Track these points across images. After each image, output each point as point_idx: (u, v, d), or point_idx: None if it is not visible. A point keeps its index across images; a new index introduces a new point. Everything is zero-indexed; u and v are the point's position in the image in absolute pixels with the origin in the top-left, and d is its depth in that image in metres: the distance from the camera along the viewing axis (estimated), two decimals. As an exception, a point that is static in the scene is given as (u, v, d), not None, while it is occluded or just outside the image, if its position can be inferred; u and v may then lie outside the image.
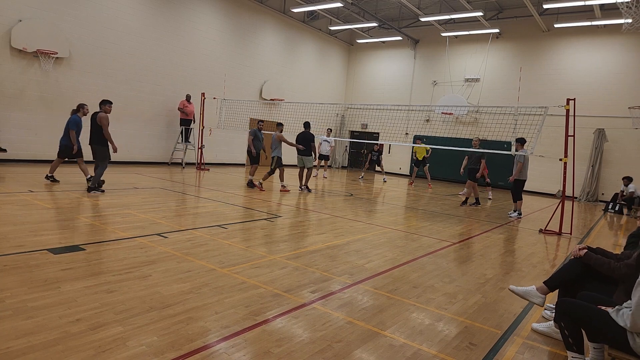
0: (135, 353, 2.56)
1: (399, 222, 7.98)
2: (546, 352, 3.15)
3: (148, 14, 13.67)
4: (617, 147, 15.64)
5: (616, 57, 15.68)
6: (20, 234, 4.85)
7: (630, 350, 2.50)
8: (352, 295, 3.89)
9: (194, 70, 15.28)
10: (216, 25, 15.83)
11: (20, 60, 10.98)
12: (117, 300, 3.29)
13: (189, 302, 3.37)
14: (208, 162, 15.65)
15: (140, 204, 7.41)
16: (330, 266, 4.73)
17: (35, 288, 3.37)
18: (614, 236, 9.05)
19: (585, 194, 15.92)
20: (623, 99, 15.24)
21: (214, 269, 4.26)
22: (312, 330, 3.11)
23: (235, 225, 6.36)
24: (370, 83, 22.14)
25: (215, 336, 2.87)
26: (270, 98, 17.83)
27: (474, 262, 5.55)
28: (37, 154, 11.56)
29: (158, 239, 5.22)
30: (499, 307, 3.94)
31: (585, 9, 15.29)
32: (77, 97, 11.93)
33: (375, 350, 2.91)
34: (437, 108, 18.08)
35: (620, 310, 2.55)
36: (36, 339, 2.62)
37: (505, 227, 8.59)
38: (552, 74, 16.89)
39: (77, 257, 4.23)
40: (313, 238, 6.10)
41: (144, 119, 13.82)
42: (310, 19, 19.83)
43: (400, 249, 5.85)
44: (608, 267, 3.05)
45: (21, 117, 11.17)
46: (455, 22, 18.87)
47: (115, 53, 12.89)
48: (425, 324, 3.43)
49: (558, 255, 6.53)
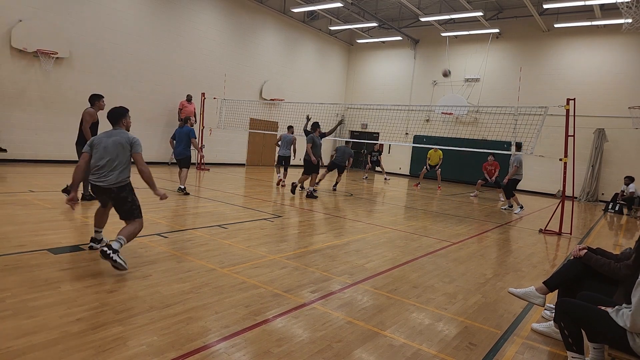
0: (136, 353, 2.56)
1: (398, 222, 7.98)
2: (546, 352, 3.15)
3: (148, 14, 13.67)
4: (617, 147, 15.64)
5: (616, 57, 15.68)
6: (21, 234, 4.85)
7: (630, 350, 2.50)
8: (352, 295, 3.89)
9: (194, 70, 15.29)
10: (216, 25, 15.83)
11: (21, 60, 10.98)
12: (117, 300, 3.29)
13: (189, 302, 3.38)
14: (208, 162, 15.66)
15: (140, 204, 7.40)
16: (330, 266, 4.74)
17: (36, 288, 3.38)
18: (614, 236, 9.06)
19: (585, 194, 15.92)
20: (623, 99, 15.24)
21: (214, 269, 4.26)
22: (312, 330, 3.11)
23: (235, 225, 6.36)
24: (370, 83, 22.14)
25: (215, 336, 2.87)
26: (270, 98, 17.83)
27: (474, 262, 5.55)
28: (37, 154, 11.56)
29: (158, 239, 5.22)
30: (499, 307, 3.94)
31: (585, 9, 15.30)
32: (78, 97, 11.95)
33: (375, 350, 2.91)
34: (437, 108, 18.07)
35: (620, 311, 2.55)
36: (36, 338, 2.62)
37: (505, 227, 8.59)
38: (552, 74, 16.90)
39: (77, 257, 4.24)
40: (313, 238, 6.10)
41: (144, 119, 13.81)
42: (310, 19, 19.83)
43: (400, 249, 5.85)
44: (608, 267, 3.05)
45: (21, 117, 11.17)
46: (455, 22, 18.88)
47: (115, 53, 12.89)
48: (425, 324, 3.43)
49: (558, 255, 6.53)
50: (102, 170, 4.15)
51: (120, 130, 4.37)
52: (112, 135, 4.27)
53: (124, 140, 4.23)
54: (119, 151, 4.19)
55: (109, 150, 4.17)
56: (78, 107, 12.04)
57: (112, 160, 4.16)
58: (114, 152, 4.17)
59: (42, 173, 9.80)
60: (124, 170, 4.24)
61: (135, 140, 4.30)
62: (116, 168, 4.17)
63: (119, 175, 4.18)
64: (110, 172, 4.15)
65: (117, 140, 4.21)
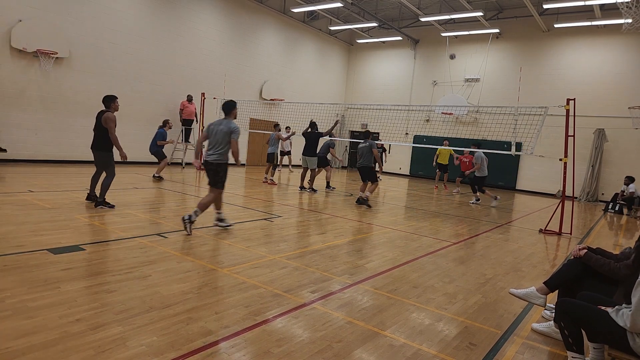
0: (135, 353, 2.56)
1: (398, 222, 7.98)
2: (546, 352, 3.15)
3: (148, 14, 13.67)
4: (617, 147, 15.64)
5: (616, 57, 15.68)
6: (20, 234, 4.85)
7: (630, 350, 2.50)
8: (352, 295, 3.89)
9: (194, 70, 15.28)
10: (216, 25, 15.83)
11: (20, 60, 10.98)
12: (117, 300, 3.29)
13: (189, 302, 3.37)
14: (208, 162, 15.64)
15: (140, 204, 7.41)
16: (330, 266, 4.73)
17: (35, 288, 3.37)
18: (614, 236, 9.05)
19: (585, 194, 15.92)
20: (623, 99, 15.24)
21: (214, 269, 4.26)
22: (312, 330, 3.11)
23: (235, 225, 6.35)
24: (370, 83, 22.14)
25: (215, 336, 2.87)
26: (270, 98, 17.83)
27: (474, 262, 5.54)
28: (37, 154, 11.56)
29: (158, 239, 5.22)
30: (499, 307, 3.94)
31: (585, 9, 15.29)
32: (78, 97, 11.96)
33: (375, 350, 2.91)
34: (437, 108, 18.08)
35: (620, 310, 2.55)
36: (36, 339, 2.62)
37: (505, 227, 8.59)
38: (552, 74, 16.89)
39: (77, 257, 4.23)
40: (313, 238, 6.10)
41: (144, 119, 13.81)
42: (310, 19, 19.83)
43: (400, 249, 5.85)
44: (608, 267, 3.05)
45: (21, 117, 11.16)
46: (455, 22, 18.87)
47: (115, 53, 12.89)
48: (425, 324, 3.43)
49: (558, 255, 6.53)
50: (209, 149, 5.75)
51: (228, 120, 5.77)
52: (221, 123, 5.73)
53: (227, 128, 5.64)
54: (222, 137, 5.65)
55: (217, 136, 5.68)
56: (78, 107, 12.08)
57: (218, 143, 5.68)
58: (220, 137, 5.66)
59: (41, 173, 9.80)
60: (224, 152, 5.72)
61: (235, 129, 5.64)
62: (218, 149, 5.70)
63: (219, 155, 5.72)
64: (215, 151, 5.70)
65: (222, 128, 5.66)
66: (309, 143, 10.77)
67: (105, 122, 6.56)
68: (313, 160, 10.86)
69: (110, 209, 6.58)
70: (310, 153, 10.79)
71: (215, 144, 5.70)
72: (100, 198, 6.63)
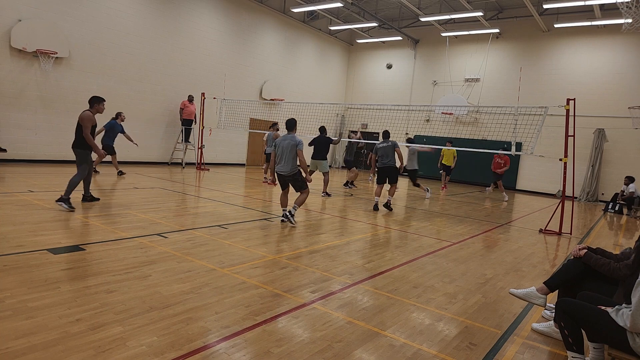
0: (135, 353, 2.56)
1: (399, 222, 7.98)
2: (546, 352, 3.15)
3: (148, 13, 13.67)
4: (617, 147, 15.64)
5: (616, 57, 15.68)
6: (20, 234, 4.85)
7: (630, 350, 2.50)
8: (352, 295, 3.89)
9: (194, 70, 15.28)
10: (216, 25, 15.83)
11: (20, 60, 10.98)
12: (117, 300, 3.29)
13: (189, 302, 3.37)
14: (208, 162, 15.66)
15: (140, 204, 7.41)
16: (330, 266, 4.73)
17: (35, 288, 3.37)
18: (614, 236, 9.05)
19: (585, 194, 15.92)
20: (623, 99, 15.24)
21: (214, 269, 4.26)
22: (312, 330, 3.11)
23: (235, 225, 6.35)
24: (370, 83, 22.13)
25: (215, 336, 2.87)
26: (270, 98, 17.82)
27: (474, 262, 5.54)
28: (37, 154, 11.55)
29: (158, 239, 5.22)
30: (499, 307, 3.94)
31: (585, 9, 15.30)
32: (77, 97, 11.95)
33: (376, 350, 2.91)
34: (437, 108, 18.08)
35: (620, 310, 2.55)
36: (36, 339, 2.62)
37: (505, 227, 8.59)
38: (552, 74, 16.89)
39: (77, 257, 4.23)
40: (313, 238, 6.10)
41: (144, 119, 13.81)
42: (310, 19, 19.82)
43: (400, 249, 5.85)
44: (608, 267, 3.05)
45: (21, 117, 11.16)
46: (455, 22, 18.87)
47: (115, 53, 12.88)
48: (425, 324, 3.42)
49: (558, 255, 6.53)
50: (280, 163, 6.67)
51: (292, 135, 6.72)
52: (286, 139, 6.66)
53: (292, 142, 6.58)
54: (289, 150, 6.57)
55: (285, 150, 6.60)
56: (78, 107, 12.06)
57: (287, 156, 6.60)
58: (287, 151, 6.58)
59: (41, 173, 9.80)
60: (293, 162, 6.63)
61: (299, 141, 6.58)
62: (288, 162, 6.61)
63: (291, 166, 6.64)
64: (285, 164, 6.63)
65: (288, 143, 6.60)
66: (319, 147, 10.65)
67: (80, 120, 6.53)
68: (324, 164, 10.73)
69: (69, 210, 6.23)
70: (321, 157, 10.67)
71: (284, 157, 6.60)
72: (66, 195, 6.37)
